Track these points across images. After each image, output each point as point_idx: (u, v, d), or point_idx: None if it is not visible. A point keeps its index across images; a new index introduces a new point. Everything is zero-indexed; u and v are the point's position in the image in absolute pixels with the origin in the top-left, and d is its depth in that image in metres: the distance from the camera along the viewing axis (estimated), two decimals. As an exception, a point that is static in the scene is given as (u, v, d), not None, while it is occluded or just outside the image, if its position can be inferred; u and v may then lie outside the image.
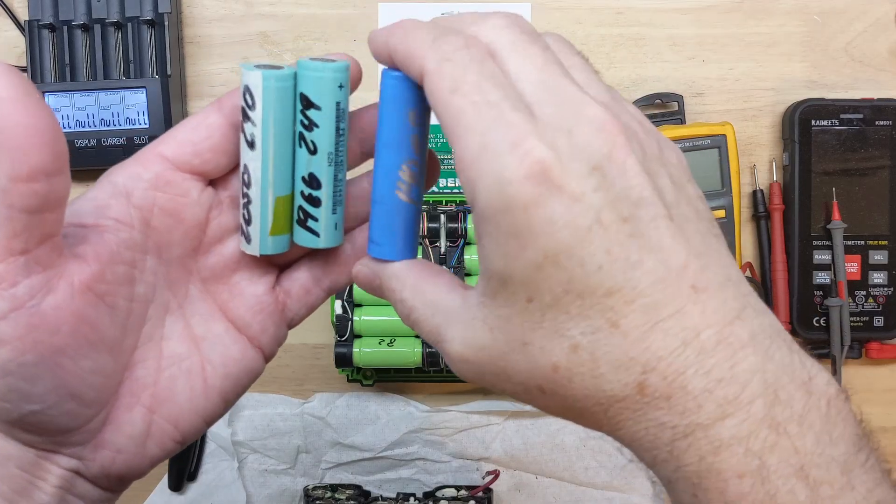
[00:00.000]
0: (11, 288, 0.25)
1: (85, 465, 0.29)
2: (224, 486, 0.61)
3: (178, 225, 0.29)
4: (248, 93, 0.28)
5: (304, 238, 0.29)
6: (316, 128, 0.28)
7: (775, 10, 0.59)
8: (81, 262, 0.27)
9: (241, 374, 0.31)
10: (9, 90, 0.23)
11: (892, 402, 0.61)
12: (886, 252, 0.58)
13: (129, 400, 0.29)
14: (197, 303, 0.31)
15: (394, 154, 0.27)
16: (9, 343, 0.25)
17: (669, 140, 0.27)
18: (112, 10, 0.57)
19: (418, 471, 0.61)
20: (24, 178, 0.23)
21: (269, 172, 0.28)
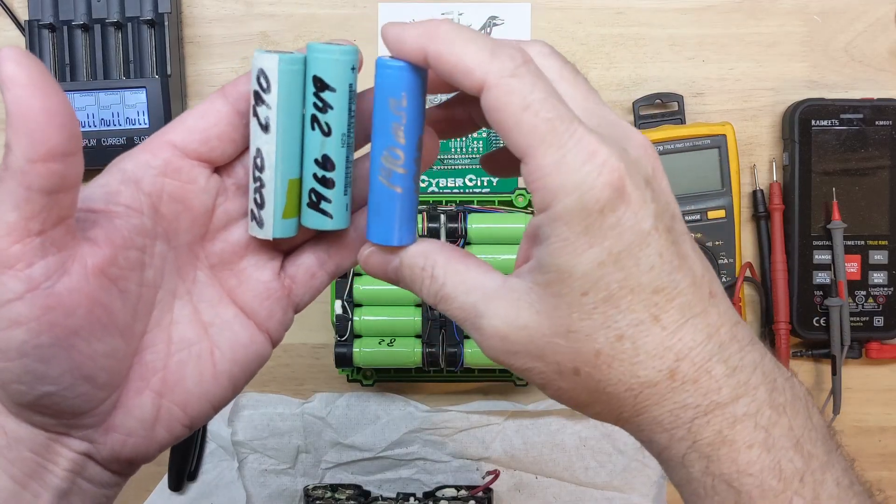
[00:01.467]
0: (28, 269, 0.25)
1: (95, 449, 0.29)
2: (224, 486, 0.61)
3: (186, 211, 0.30)
4: (263, 76, 0.28)
5: (316, 220, 0.30)
6: (330, 109, 0.28)
7: (775, 10, 0.59)
8: (94, 246, 0.27)
9: (249, 359, 0.31)
10: (25, 75, 0.24)
11: (892, 402, 0.61)
12: (886, 252, 0.58)
13: (139, 384, 0.29)
14: (205, 288, 0.31)
15: (376, 141, 0.28)
16: (25, 324, 0.26)
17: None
18: (112, 10, 0.57)
19: (418, 471, 0.61)
20: (41, 158, 0.24)
21: (283, 154, 0.29)
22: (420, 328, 0.56)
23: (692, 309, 0.27)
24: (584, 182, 0.25)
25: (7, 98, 0.24)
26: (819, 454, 0.27)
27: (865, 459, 0.61)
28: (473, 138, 0.60)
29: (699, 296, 0.27)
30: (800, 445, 0.27)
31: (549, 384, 0.28)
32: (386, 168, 0.28)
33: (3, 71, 0.24)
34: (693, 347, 0.27)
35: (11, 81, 0.24)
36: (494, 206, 0.57)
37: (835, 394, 0.58)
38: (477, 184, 0.60)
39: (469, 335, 0.29)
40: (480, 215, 0.56)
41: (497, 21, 0.60)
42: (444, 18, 0.27)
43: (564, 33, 0.60)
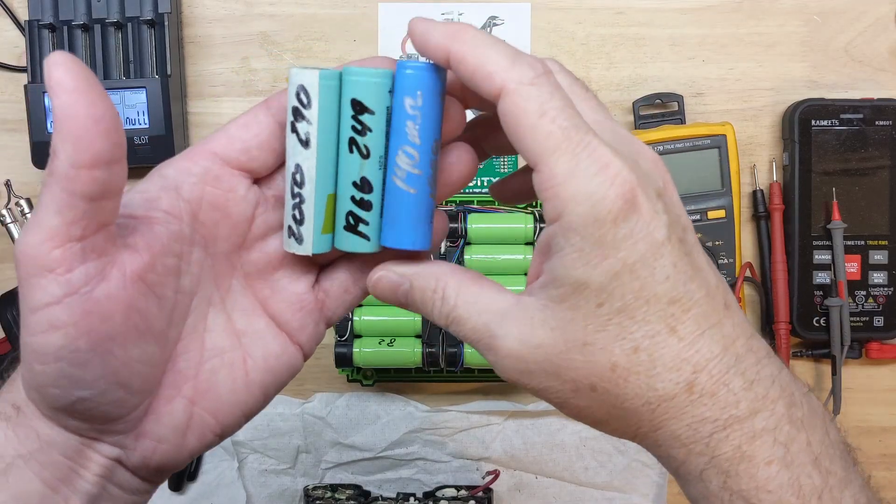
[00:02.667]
0: (67, 273, 0.25)
1: (126, 455, 0.29)
2: (224, 486, 0.61)
3: (224, 219, 0.30)
4: (304, 92, 0.28)
5: (353, 243, 0.30)
6: (369, 132, 0.29)
7: (775, 10, 0.59)
8: (133, 252, 0.27)
9: (281, 370, 0.31)
10: (72, 81, 0.24)
11: (892, 402, 0.61)
12: (886, 252, 0.58)
13: (171, 391, 0.29)
14: (239, 297, 0.31)
15: (392, 141, 0.29)
16: (63, 328, 0.26)
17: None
18: (112, 10, 0.57)
19: (418, 471, 0.61)
20: (86, 165, 0.24)
21: (323, 169, 0.29)
22: (420, 328, 0.56)
23: (708, 320, 0.27)
24: (597, 192, 0.25)
25: (54, 103, 0.24)
26: (837, 471, 0.27)
27: (866, 459, 0.61)
28: (473, 138, 0.60)
29: (714, 307, 0.27)
30: (818, 462, 0.27)
31: (566, 403, 0.28)
32: (401, 168, 0.28)
33: (52, 76, 0.24)
34: (710, 359, 0.26)
35: (59, 87, 0.24)
36: (494, 206, 0.57)
37: (835, 394, 0.58)
38: (477, 184, 0.60)
39: (483, 356, 0.29)
40: (480, 215, 0.56)
41: (497, 21, 0.60)
42: (470, 24, 0.27)
43: (564, 33, 0.60)
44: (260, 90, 0.60)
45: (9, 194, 0.60)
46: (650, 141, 0.56)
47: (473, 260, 0.55)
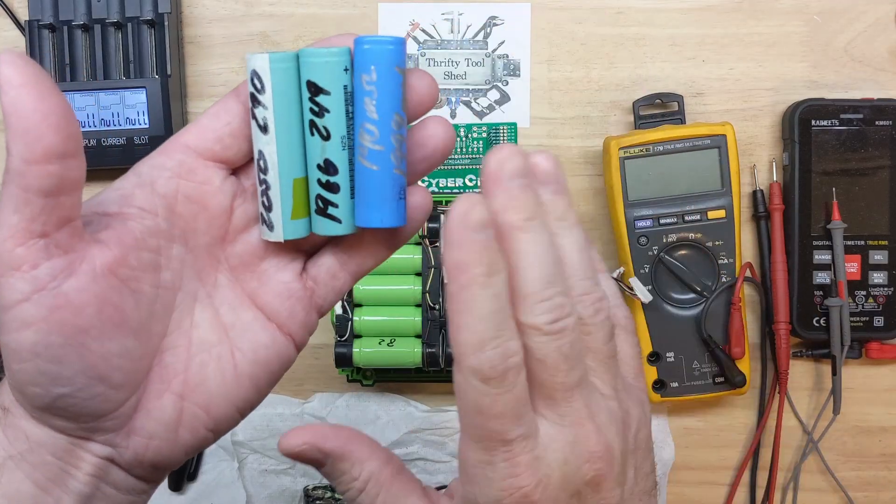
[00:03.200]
0: (32, 270, 0.25)
1: (118, 453, 0.29)
2: (224, 486, 0.61)
3: (202, 212, 0.30)
4: (257, 77, 0.28)
5: (326, 226, 0.30)
6: (327, 113, 0.28)
7: (775, 10, 0.59)
8: (103, 247, 0.27)
9: (271, 361, 0.31)
10: (19, 76, 0.24)
11: (892, 402, 0.61)
12: (886, 252, 0.57)
13: (160, 386, 0.29)
14: (225, 291, 0.31)
15: (355, 120, 0.28)
16: (34, 324, 0.26)
17: (641, 367, 0.31)
18: (112, 10, 0.57)
19: (418, 471, 0.61)
20: (38, 160, 0.24)
21: (285, 154, 0.29)
22: (420, 328, 0.56)
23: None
24: (496, 495, 0.26)
25: (3, 100, 0.24)
26: None
27: (866, 459, 0.61)
28: (473, 138, 0.60)
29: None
30: None
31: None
32: (363, 146, 0.28)
33: (0, 74, 0.24)
34: None
35: (7, 83, 0.24)
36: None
37: (835, 394, 0.58)
38: (477, 184, 0.60)
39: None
40: (480, 215, 0.56)
41: (497, 21, 0.60)
42: (481, 274, 0.25)
43: (564, 33, 0.60)
44: (260, 90, 0.60)
45: (9, 194, 0.60)
46: (650, 141, 0.56)
47: (473, 260, 0.55)
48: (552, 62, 0.60)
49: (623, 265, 0.57)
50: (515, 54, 0.60)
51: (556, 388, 0.26)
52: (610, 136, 0.58)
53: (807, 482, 0.61)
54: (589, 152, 0.60)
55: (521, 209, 0.26)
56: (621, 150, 0.56)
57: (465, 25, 0.60)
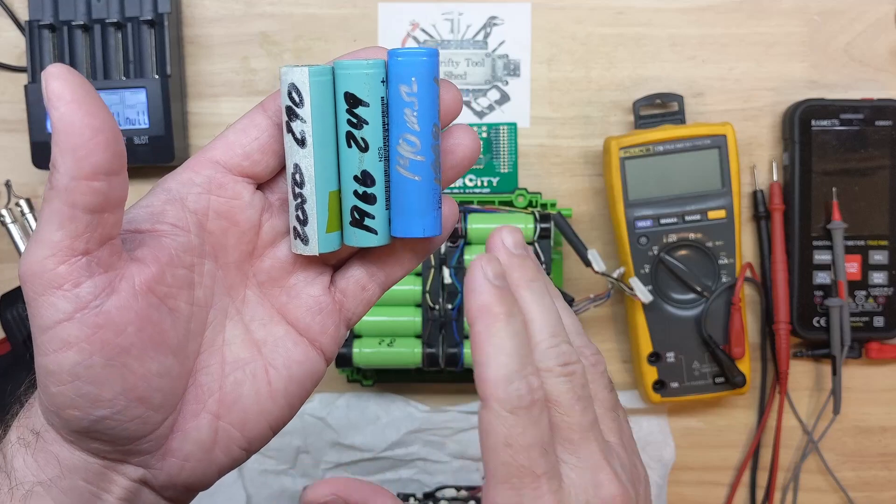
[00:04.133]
0: (75, 288, 0.25)
1: (152, 475, 0.29)
2: (224, 486, 0.61)
3: (232, 228, 0.30)
4: (295, 90, 0.28)
5: (361, 238, 0.30)
6: (365, 125, 0.29)
7: (775, 10, 0.59)
8: (141, 265, 0.27)
9: (304, 377, 0.31)
10: (70, 92, 0.24)
11: (892, 402, 0.61)
12: (886, 252, 0.57)
13: (195, 406, 0.29)
14: (255, 307, 0.31)
15: (392, 131, 0.29)
16: (76, 345, 0.25)
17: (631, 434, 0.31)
18: (112, 10, 0.57)
19: (418, 471, 0.61)
20: (85, 176, 0.24)
21: (321, 167, 0.29)
22: (420, 328, 0.56)
23: None
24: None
25: (53, 115, 0.24)
26: None
27: (866, 459, 0.61)
28: (473, 138, 0.60)
29: None
30: None
31: None
32: (403, 157, 0.28)
33: (50, 88, 0.24)
34: None
35: (57, 98, 0.24)
36: (494, 206, 0.57)
37: (835, 394, 0.58)
38: (477, 184, 0.60)
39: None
40: (480, 215, 0.56)
41: (497, 21, 0.60)
42: (501, 305, 0.27)
43: (564, 33, 0.60)
44: (260, 90, 0.60)
45: (9, 194, 0.60)
46: (650, 141, 0.56)
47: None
48: (552, 62, 0.60)
49: (623, 265, 0.57)
50: (515, 54, 0.60)
51: (573, 429, 0.27)
52: (610, 136, 0.58)
53: (807, 482, 0.61)
54: (589, 152, 0.60)
55: (527, 269, 0.28)
56: (621, 150, 0.56)
57: (465, 25, 0.60)
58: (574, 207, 0.60)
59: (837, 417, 0.59)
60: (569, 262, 0.59)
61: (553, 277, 0.56)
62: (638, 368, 0.58)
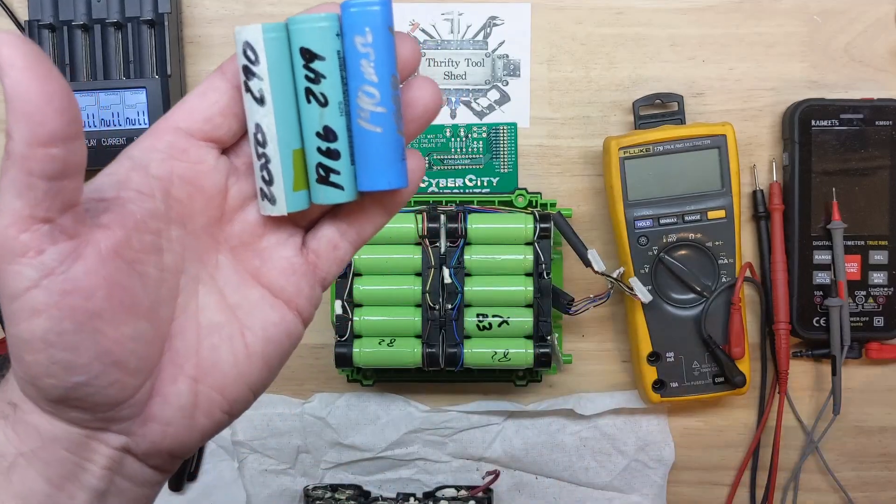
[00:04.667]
0: (39, 256, 0.25)
1: (134, 442, 0.29)
2: (224, 486, 0.61)
3: (198, 193, 0.30)
4: (250, 49, 0.28)
5: (328, 195, 0.29)
6: (323, 79, 0.28)
7: (775, 10, 0.59)
8: (106, 230, 0.27)
9: (281, 338, 0.31)
10: (21, 58, 0.23)
11: (892, 402, 0.61)
12: (886, 252, 0.57)
13: (173, 371, 0.29)
14: (228, 272, 0.31)
15: (350, 84, 0.28)
16: (45, 311, 0.25)
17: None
18: (112, 10, 0.57)
19: (418, 471, 0.61)
20: (42, 143, 0.24)
21: (283, 124, 0.29)
22: (420, 328, 0.56)
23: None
24: None
25: (5, 82, 0.24)
26: None
27: (866, 459, 0.61)
28: (473, 138, 0.60)
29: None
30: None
31: None
32: (364, 109, 0.28)
33: (1, 54, 0.23)
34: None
35: (9, 66, 0.23)
36: (494, 206, 0.57)
37: (835, 394, 0.58)
38: (477, 184, 0.60)
39: None
40: (480, 215, 0.56)
41: (497, 21, 0.60)
42: None
43: (564, 33, 0.60)
44: (260, 90, 0.60)
45: (9, 194, 0.60)
46: (650, 141, 0.56)
47: (473, 260, 0.55)
48: (552, 62, 0.60)
49: (623, 265, 0.57)
50: (515, 54, 0.60)
51: None
52: (610, 136, 0.58)
53: (807, 482, 0.61)
54: (589, 152, 0.60)
55: None
56: (621, 150, 0.56)
57: (465, 25, 0.60)
58: (574, 207, 0.60)
59: (837, 417, 0.59)
60: (569, 262, 0.59)
61: (553, 277, 0.56)
62: (638, 368, 0.58)
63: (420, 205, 0.57)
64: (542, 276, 0.55)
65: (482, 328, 0.55)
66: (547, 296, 0.55)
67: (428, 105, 0.30)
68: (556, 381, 0.61)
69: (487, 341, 0.56)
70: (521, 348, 0.55)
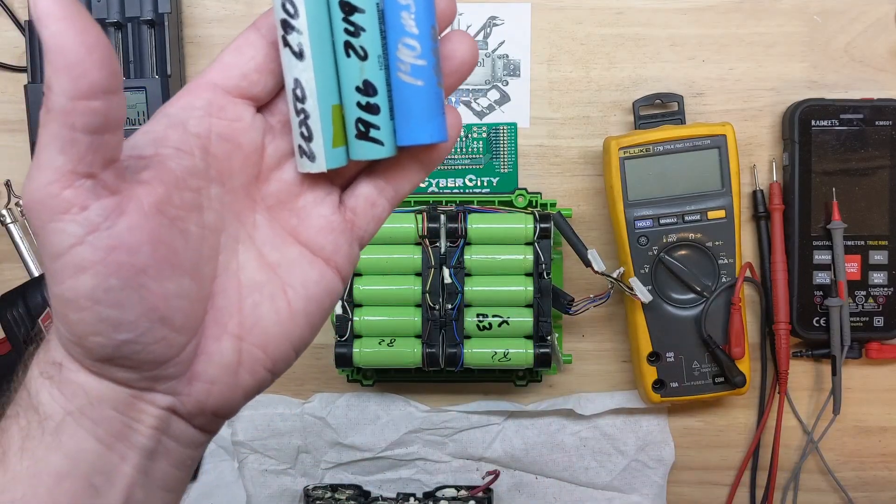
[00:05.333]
0: (83, 212, 0.25)
1: (180, 402, 0.29)
2: (224, 486, 0.61)
3: (236, 150, 0.29)
4: (289, 2, 0.28)
5: (368, 150, 0.29)
6: (363, 32, 0.28)
7: (775, 10, 0.59)
8: (148, 186, 0.27)
9: (322, 296, 0.31)
10: (59, 8, 0.23)
11: (892, 402, 0.61)
12: (886, 252, 0.57)
13: (216, 329, 0.29)
14: (266, 231, 0.31)
15: (390, 36, 0.28)
16: (91, 268, 0.25)
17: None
18: (112, 10, 0.57)
19: (418, 471, 0.61)
20: (84, 95, 0.24)
21: (322, 79, 0.28)
22: (420, 328, 0.56)
23: None
24: None
25: (44, 35, 0.23)
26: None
27: (866, 459, 0.61)
28: (473, 138, 0.60)
29: None
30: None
31: None
32: (404, 62, 0.28)
33: (39, 6, 0.23)
34: None
35: (48, 16, 0.23)
36: (494, 206, 0.57)
37: (835, 394, 0.58)
38: (477, 184, 0.60)
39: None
40: (480, 215, 0.56)
41: (497, 21, 0.60)
42: None
43: (564, 33, 0.60)
44: (260, 90, 0.60)
45: (9, 194, 0.60)
46: (650, 141, 0.56)
47: (473, 260, 0.55)
48: (552, 62, 0.60)
49: (623, 265, 0.57)
50: (515, 54, 0.60)
51: None
52: (610, 136, 0.58)
53: (807, 482, 0.61)
54: (589, 152, 0.60)
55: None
56: (621, 150, 0.56)
57: (465, 25, 0.60)
58: (574, 207, 0.60)
59: (837, 417, 0.59)
60: (569, 262, 0.59)
61: (553, 277, 0.56)
62: (638, 368, 0.58)
63: (420, 205, 0.57)
64: (542, 276, 0.55)
65: (482, 328, 0.55)
66: (547, 296, 0.55)
67: (465, 58, 0.30)
68: (556, 381, 0.61)
69: (487, 341, 0.56)
70: (521, 348, 0.55)
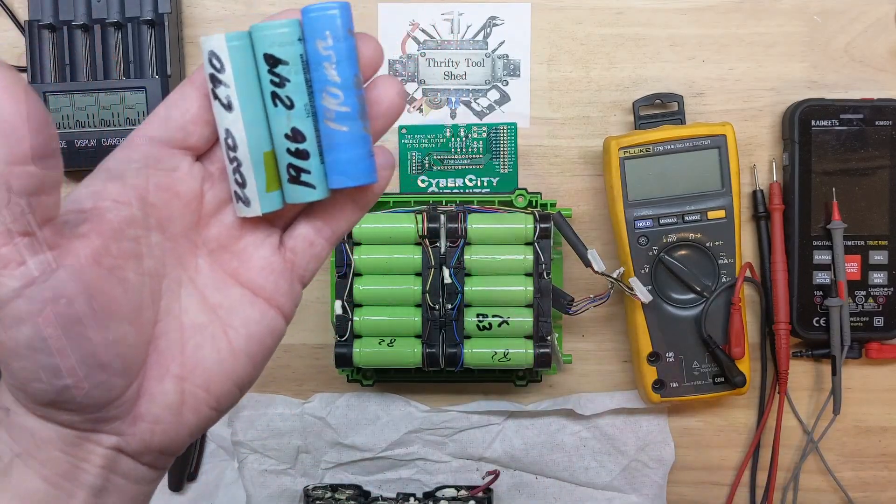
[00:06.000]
0: (20, 267, 0.26)
1: (125, 441, 0.30)
2: (224, 486, 0.61)
3: (175, 199, 0.31)
4: (215, 58, 0.29)
5: (301, 194, 0.31)
6: (288, 83, 0.30)
7: (775, 10, 0.59)
8: (85, 239, 0.28)
9: (264, 335, 0.32)
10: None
11: (892, 402, 0.61)
12: (886, 252, 0.58)
13: (159, 371, 0.30)
14: (208, 274, 0.32)
15: (315, 86, 0.30)
16: (28, 319, 0.26)
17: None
18: (112, 10, 0.57)
19: (418, 471, 0.61)
20: (20, 161, 0.25)
21: (252, 128, 0.30)
22: (420, 328, 0.56)
23: None
24: None
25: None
26: None
27: (866, 459, 0.61)
28: (473, 138, 0.60)
29: None
30: None
31: None
32: (329, 110, 0.29)
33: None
34: None
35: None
36: (494, 206, 0.57)
37: (835, 394, 0.58)
38: (477, 184, 0.60)
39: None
40: (480, 215, 0.56)
41: (497, 21, 0.60)
42: None
43: (564, 33, 0.60)
44: (260, 90, 0.60)
45: (9, 194, 0.60)
46: (650, 141, 0.56)
47: (473, 260, 0.55)
48: (552, 62, 0.60)
49: (623, 265, 0.57)
50: (515, 54, 0.60)
51: None
52: (610, 136, 0.58)
53: (807, 482, 0.61)
54: (589, 152, 0.60)
55: None
56: (621, 150, 0.56)
57: (465, 25, 0.60)
58: (574, 207, 0.60)
59: (837, 417, 0.59)
60: (569, 262, 0.59)
61: (553, 277, 0.56)
62: (637, 368, 0.58)
63: (420, 205, 0.57)
64: (542, 276, 0.55)
65: (482, 328, 0.55)
66: (547, 296, 0.55)
67: (392, 102, 0.31)
68: (556, 381, 0.61)
69: (487, 341, 0.56)
70: (521, 348, 0.55)
